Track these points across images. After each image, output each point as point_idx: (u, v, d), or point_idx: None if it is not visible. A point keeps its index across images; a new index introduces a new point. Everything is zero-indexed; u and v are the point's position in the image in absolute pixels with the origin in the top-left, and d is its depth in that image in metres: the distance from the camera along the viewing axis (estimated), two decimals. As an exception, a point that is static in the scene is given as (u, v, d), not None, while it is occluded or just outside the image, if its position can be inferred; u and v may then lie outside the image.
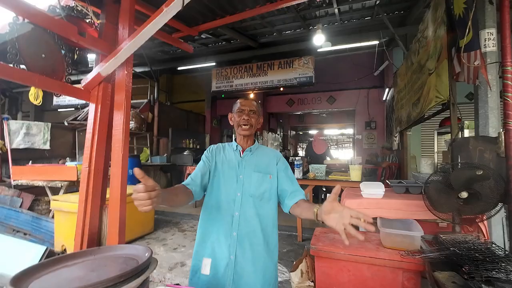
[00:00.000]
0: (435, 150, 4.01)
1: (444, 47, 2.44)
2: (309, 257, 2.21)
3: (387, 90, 6.54)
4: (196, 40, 5.53)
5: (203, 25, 2.21)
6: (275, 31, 5.29)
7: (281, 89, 6.73)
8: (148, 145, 7.39)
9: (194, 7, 2.03)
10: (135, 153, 7.02)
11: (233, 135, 1.53)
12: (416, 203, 2.26)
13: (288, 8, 3.98)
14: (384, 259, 1.68)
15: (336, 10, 4.48)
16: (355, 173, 3.26)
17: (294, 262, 2.28)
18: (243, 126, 1.34)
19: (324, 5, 4.28)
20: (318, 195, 5.23)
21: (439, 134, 4.06)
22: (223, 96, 7.90)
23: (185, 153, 7.59)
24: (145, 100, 7.62)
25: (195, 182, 1.29)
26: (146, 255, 1.18)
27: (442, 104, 2.60)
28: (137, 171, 0.83)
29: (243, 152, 1.38)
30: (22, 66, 1.29)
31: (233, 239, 1.24)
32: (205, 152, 1.43)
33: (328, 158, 5.89)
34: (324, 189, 5.00)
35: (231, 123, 1.43)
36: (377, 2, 4.32)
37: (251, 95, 8.38)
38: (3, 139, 4.70)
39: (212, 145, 1.46)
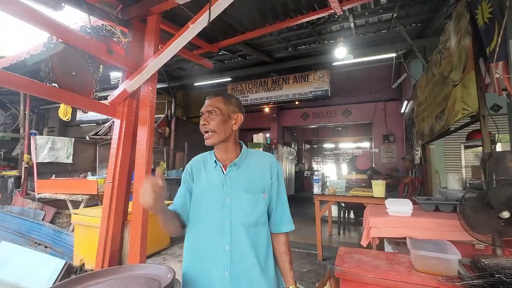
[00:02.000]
0: (463, 164, 3.79)
1: (470, 58, 2.36)
2: (333, 279, 2.09)
3: (405, 102, 6.38)
4: (213, 56, 5.67)
5: (223, 42, 2.26)
6: (290, 46, 5.34)
7: (297, 103, 6.72)
8: (165, 159, 7.51)
9: (216, 24, 2.07)
10: (153, 167, 7.13)
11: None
12: (448, 223, 2.11)
13: (307, 23, 4.01)
14: (418, 284, 1.54)
15: (352, 24, 4.48)
16: (378, 189, 3.12)
17: (317, 285, 2.15)
18: (204, 135, 1.07)
19: (339, 19, 4.29)
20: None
21: (466, 147, 3.86)
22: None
23: (200, 167, 7.64)
24: (163, 115, 7.83)
25: (185, 213, 1.10)
26: (169, 276, 1.13)
27: (470, 116, 2.49)
28: (158, 171, 0.89)
29: (225, 168, 1.08)
30: (54, 84, 1.35)
31: (226, 280, 1.00)
32: (183, 173, 1.16)
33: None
34: (344, 205, 4.82)
35: None
36: (394, 15, 4.29)
37: (266, 109, 8.43)
38: (30, 153, 4.92)
39: (191, 162, 1.17)
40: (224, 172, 1.07)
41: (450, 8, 3.76)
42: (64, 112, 1.53)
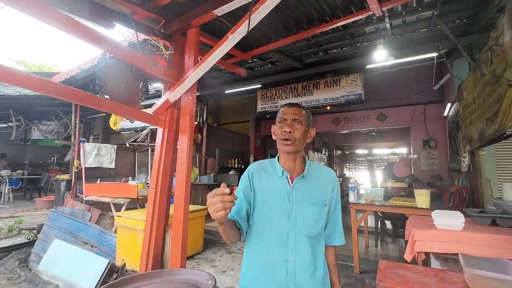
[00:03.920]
0: (523, 173, 3.38)
1: (530, 55, 2.13)
2: (374, 294, 1.96)
3: (449, 105, 5.91)
4: (244, 64, 5.77)
5: (256, 50, 2.29)
6: (321, 50, 5.24)
7: (328, 108, 6.56)
8: (197, 164, 7.75)
9: (250, 33, 2.11)
10: (191, 172, 7.41)
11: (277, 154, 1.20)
12: (510, 239, 1.89)
13: (340, 26, 3.90)
14: (478, 307, 1.39)
15: (388, 25, 4.28)
16: (423, 199, 2.89)
17: (357, 299, 2.04)
18: (283, 141, 1.06)
19: (374, 20, 4.13)
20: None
21: (526, 154, 3.45)
22: (268, 116, 8.01)
23: (230, 173, 7.77)
24: (195, 123, 8.14)
25: (242, 219, 1.08)
26: (210, 283, 1.14)
27: (533, 119, 2.23)
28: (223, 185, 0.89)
29: (292, 180, 1.09)
30: (106, 96, 1.47)
31: None
32: (242, 177, 1.16)
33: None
34: (381, 215, 4.55)
35: (273, 137, 1.15)
36: (435, 13, 4.02)
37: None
38: (79, 159, 5.41)
39: (251, 167, 1.17)
40: (291, 183, 1.08)
41: (502, 1, 3.43)
42: (114, 122, 1.66)
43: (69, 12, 1.30)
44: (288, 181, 1.09)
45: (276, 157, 1.15)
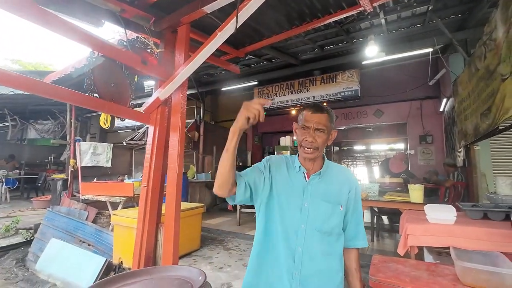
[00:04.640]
0: (516, 167, 3.42)
1: (522, 49, 2.14)
2: (367, 288, 1.98)
3: (444, 100, 5.94)
4: (239, 61, 5.75)
5: (249, 47, 2.29)
6: (316, 47, 5.24)
7: (324, 104, 6.57)
8: (195, 162, 7.75)
9: (242, 29, 2.10)
10: (183, 170, 7.42)
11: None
12: (499, 232, 1.92)
13: (335, 22, 3.91)
14: (467, 300, 1.41)
15: (383, 21, 4.28)
16: (416, 194, 2.91)
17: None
18: (305, 149, 1.09)
19: (369, 16, 4.12)
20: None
21: (519, 148, 3.47)
22: (265, 113, 8.02)
23: (228, 170, 7.79)
24: (192, 120, 8.11)
25: (245, 181, 1.08)
26: (200, 279, 1.16)
27: (525, 113, 2.24)
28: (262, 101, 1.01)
29: (308, 176, 1.13)
30: (95, 95, 1.47)
31: (296, 281, 1.02)
32: (263, 160, 1.18)
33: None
34: (377, 210, 4.58)
35: (294, 135, 1.18)
36: (430, 8, 4.02)
37: (293, 112, 8.33)
38: (75, 158, 5.39)
39: (273, 156, 1.21)
40: (307, 179, 1.12)
41: (496, -4, 3.43)
42: (104, 120, 1.66)
43: (55, 10, 1.30)
44: (305, 176, 1.13)
45: (297, 154, 1.18)
